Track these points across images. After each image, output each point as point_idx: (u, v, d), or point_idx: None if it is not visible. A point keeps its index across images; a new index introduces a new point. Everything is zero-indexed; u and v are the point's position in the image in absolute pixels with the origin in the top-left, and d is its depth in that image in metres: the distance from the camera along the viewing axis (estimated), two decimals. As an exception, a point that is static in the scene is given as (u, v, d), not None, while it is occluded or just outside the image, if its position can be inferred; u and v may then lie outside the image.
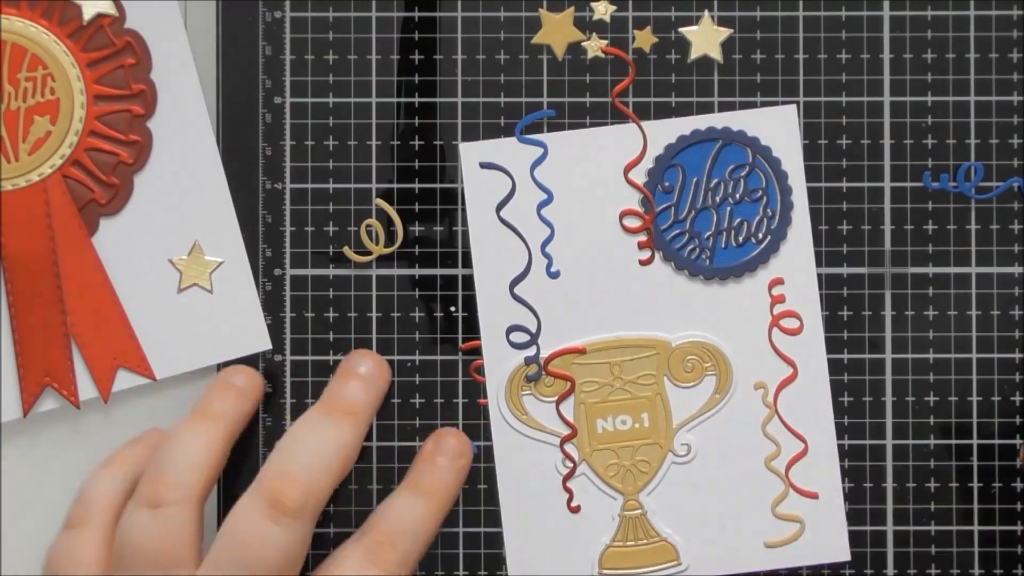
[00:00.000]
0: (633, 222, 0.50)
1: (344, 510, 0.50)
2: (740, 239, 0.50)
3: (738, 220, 0.50)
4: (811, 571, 0.51)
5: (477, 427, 0.51)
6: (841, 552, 0.50)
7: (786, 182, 0.50)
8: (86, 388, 0.50)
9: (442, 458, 0.49)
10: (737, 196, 0.50)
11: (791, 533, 0.50)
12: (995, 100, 0.50)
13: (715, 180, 0.50)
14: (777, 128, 0.50)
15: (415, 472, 0.49)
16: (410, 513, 0.47)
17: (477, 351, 0.50)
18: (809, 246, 0.50)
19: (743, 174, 0.50)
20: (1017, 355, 0.51)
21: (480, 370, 0.50)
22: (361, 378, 0.48)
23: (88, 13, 0.49)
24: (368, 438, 0.50)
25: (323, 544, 0.50)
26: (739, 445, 0.50)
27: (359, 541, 0.47)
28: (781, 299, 0.50)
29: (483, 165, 0.50)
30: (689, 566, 0.50)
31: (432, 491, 0.48)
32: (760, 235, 0.50)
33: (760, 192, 0.50)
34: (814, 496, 0.50)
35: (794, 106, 0.50)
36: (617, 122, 0.50)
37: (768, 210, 0.50)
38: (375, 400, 0.49)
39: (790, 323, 0.50)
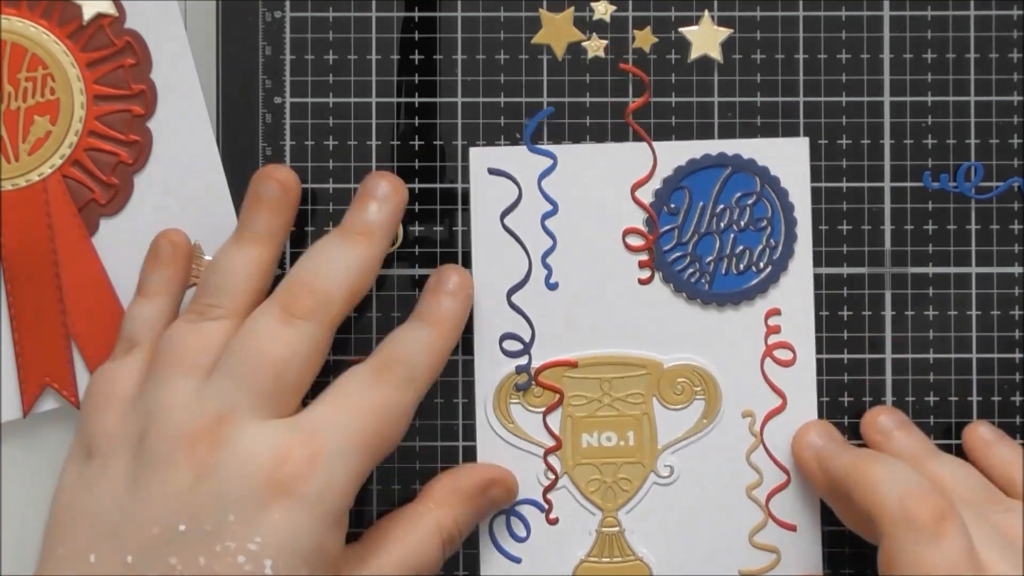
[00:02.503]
0: (636, 241, 0.50)
1: (344, 510, 0.50)
2: (741, 267, 0.50)
3: (741, 248, 0.50)
4: None
5: (475, 428, 0.50)
6: None
7: (792, 214, 0.50)
8: (86, 388, 0.50)
9: (446, 292, 0.48)
10: (742, 224, 0.50)
11: (767, 563, 0.50)
12: (995, 100, 0.50)
13: (721, 206, 0.50)
14: (787, 159, 0.50)
15: (421, 305, 0.48)
16: (415, 336, 0.47)
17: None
18: (809, 279, 0.50)
19: (750, 202, 0.50)
20: (1017, 355, 0.51)
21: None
22: (376, 199, 0.48)
23: (88, 13, 0.49)
24: (368, 438, 0.51)
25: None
26: (722, 471, 0.50)
27: (366, 364, 0.46)
28: (776, 330, 0.50)
29: (491, 171, 0.50)
30: None
31: (437, 319, 0.47)
32: (761, 264, 0.50)
33: (765, 222, 0.50)
34: (792, 528, 0.50)
35: (807, 140, 0.50)
36: (626, 139, 0.50)
37: (772, 240, 0.50)
38: (391, 217, 0.48)
39: (783, 354, 0.50)
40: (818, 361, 0.50)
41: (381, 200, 0.48)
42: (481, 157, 0.50)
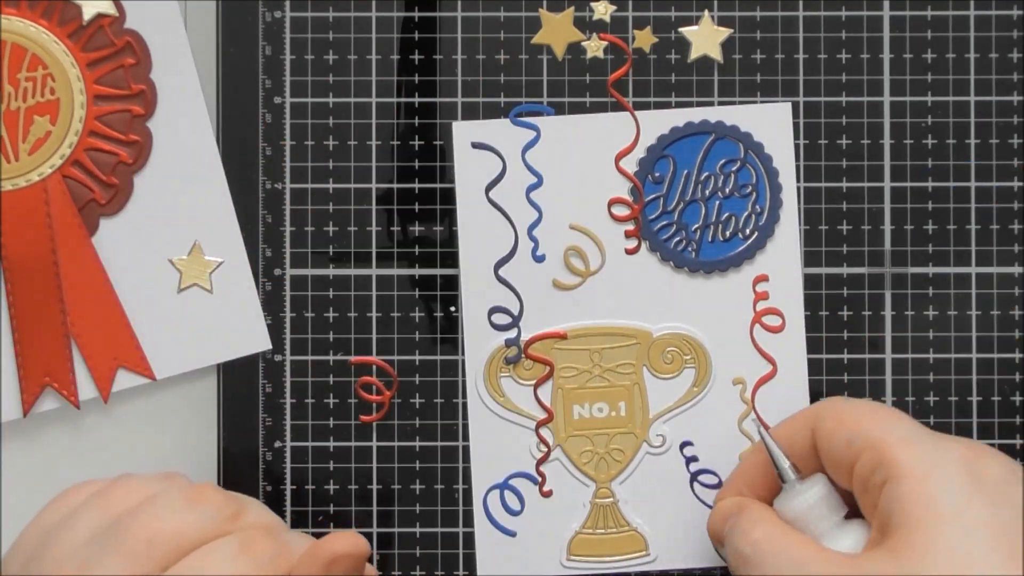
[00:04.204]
0: (621, 211, 0.50)
1: (344, 510, 0.50)
2: (727, 233, 0.50)
3: (726, 215, 0.50)
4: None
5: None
6: None
7: (776, 179, 0.50)
8: (86, 388, 0.50)
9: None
10: (727, 190, 0.50)
11: None
12: (995, 100, 0.50)
13: (705, 173, 0.50)
14: (770, 125, 0.50)
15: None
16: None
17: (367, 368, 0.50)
18: (796, 244, 0.50)
19: (734, 169, 0.50)
20: (1017, 355, 0.51)
21: (368, 387, 0.51)
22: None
23: (88, 13, 0.49)
24: (367, 438, 0.51)
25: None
26: (714, 439, 0.50)
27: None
28: (765, 296, 0.50)
29: (475, 145, 0.50)
30: (657, 557, 0.50)
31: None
32: (747, 231, 0.50)
33: (750, 188, 0.50)
34: None
35: (788, 104, 0.50)
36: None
37: (757, 206, 0.50)
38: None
39: (772, 320, 0.50)
40: (818, 361, 0.50)
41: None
42: (464, 131, 0.50)
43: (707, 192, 0.50)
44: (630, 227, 0.50)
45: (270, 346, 0.51)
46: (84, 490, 0.45)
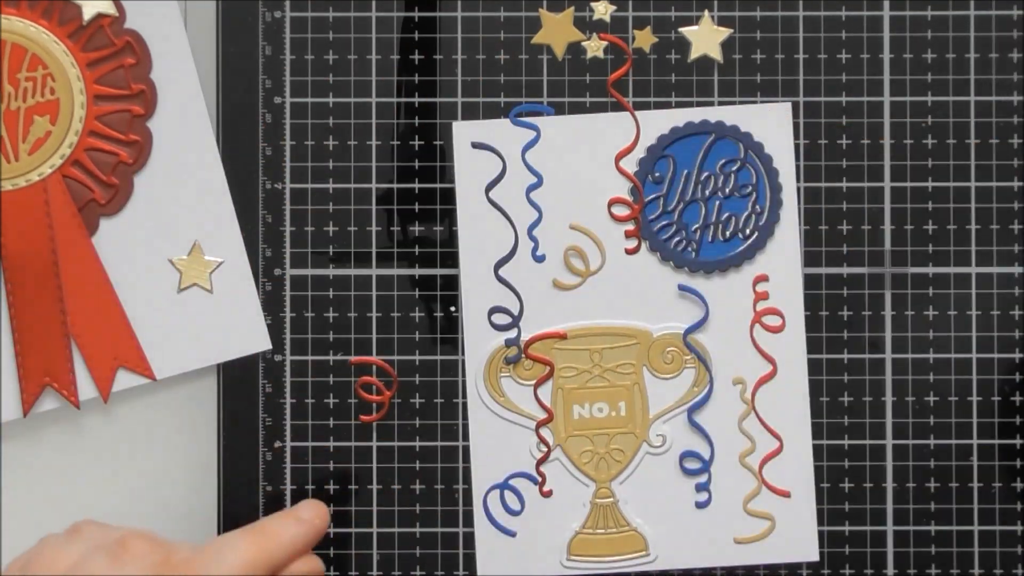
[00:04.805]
0: (621, 211, 0.50)
1: (344, 510, 0.50)
2: (727, 233, 0.50)
3: (726, 215, 0.50)
4: (811, 572, 0.51)
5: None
6: (810, 552, 0.50)
7: (776, 179, 0.50)
8: (86, 388, 0.50)
9: (294, 516, 0.48)
10: (727, 190, 0.50)
11: (761, 530, 0.50)
12: (995, 100, 0.50)
13: (706, 173, 0.50)
14: (770, 125, 0.50)
15: (263, 519, 0.48)
16: (231, 543, 0.45)
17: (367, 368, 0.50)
18: (796, 244, 0.50)
19: (734, 169, 0.50)
20: (1017, 355, 0.51)
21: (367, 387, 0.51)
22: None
23: (88, 13, 0.49)
24: (367, 438, 0.51)
25: (324, 545, 0.50)
26: (714, 439, 0.50)
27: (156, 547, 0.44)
28: (765, 296, 0.50)
29: (475, 145, 0.50)
30: (657, 557, 0.50)
31: (264, 531, 0.46)
32: (747, 231, 0.50)
33: (750, 188, 0.50)
34: (786, 495, 0.50)
35: (788, 104, 0.50)
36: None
37: (757, 206, 0.50)
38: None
39: (772, 320, 0.50)
40: (818, 361, 0.50)
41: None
42: (464, 131, 0.50)
43: (707, 192, 0.50)
44: (630, 227, 0.50)
45: (270, 346, 0.51)
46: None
